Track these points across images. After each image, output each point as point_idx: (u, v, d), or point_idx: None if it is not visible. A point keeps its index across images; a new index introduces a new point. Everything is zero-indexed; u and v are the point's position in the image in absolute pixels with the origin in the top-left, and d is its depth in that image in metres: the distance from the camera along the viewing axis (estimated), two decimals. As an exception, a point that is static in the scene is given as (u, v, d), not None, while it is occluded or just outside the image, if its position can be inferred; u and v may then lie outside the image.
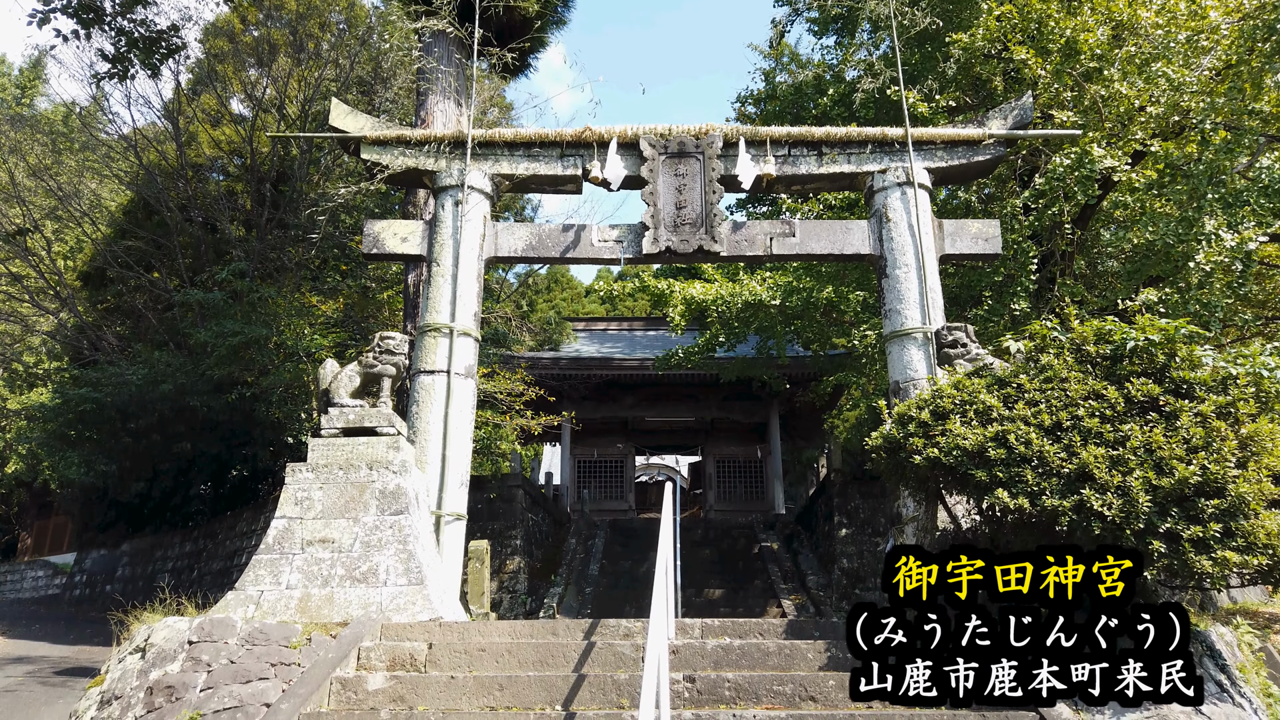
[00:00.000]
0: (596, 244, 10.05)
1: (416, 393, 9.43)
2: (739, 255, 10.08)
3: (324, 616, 6.95)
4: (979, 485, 5.61)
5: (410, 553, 7.38)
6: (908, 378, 9.37)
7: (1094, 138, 10.20)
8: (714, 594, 15.42)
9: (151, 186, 22.03)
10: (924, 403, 6.32)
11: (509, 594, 15.72)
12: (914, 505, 9.11)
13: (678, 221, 9.95)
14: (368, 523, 7.55)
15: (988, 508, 5.98)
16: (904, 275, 9.68)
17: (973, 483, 5.65)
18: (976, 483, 5.60)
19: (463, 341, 9.56)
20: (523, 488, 16.82)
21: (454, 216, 9.87)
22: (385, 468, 7.79)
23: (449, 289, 9.65)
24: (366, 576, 7.26)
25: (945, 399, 6.12)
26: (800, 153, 10.20)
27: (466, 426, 9.44)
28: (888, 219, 9.92)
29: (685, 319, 13.53)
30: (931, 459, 5.89)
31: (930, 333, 9.42)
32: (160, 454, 18.04)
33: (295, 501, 7.68)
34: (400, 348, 8.29)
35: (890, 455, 6.56)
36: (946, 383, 6.37)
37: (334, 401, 8.18)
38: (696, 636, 6.44)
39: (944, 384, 6.34)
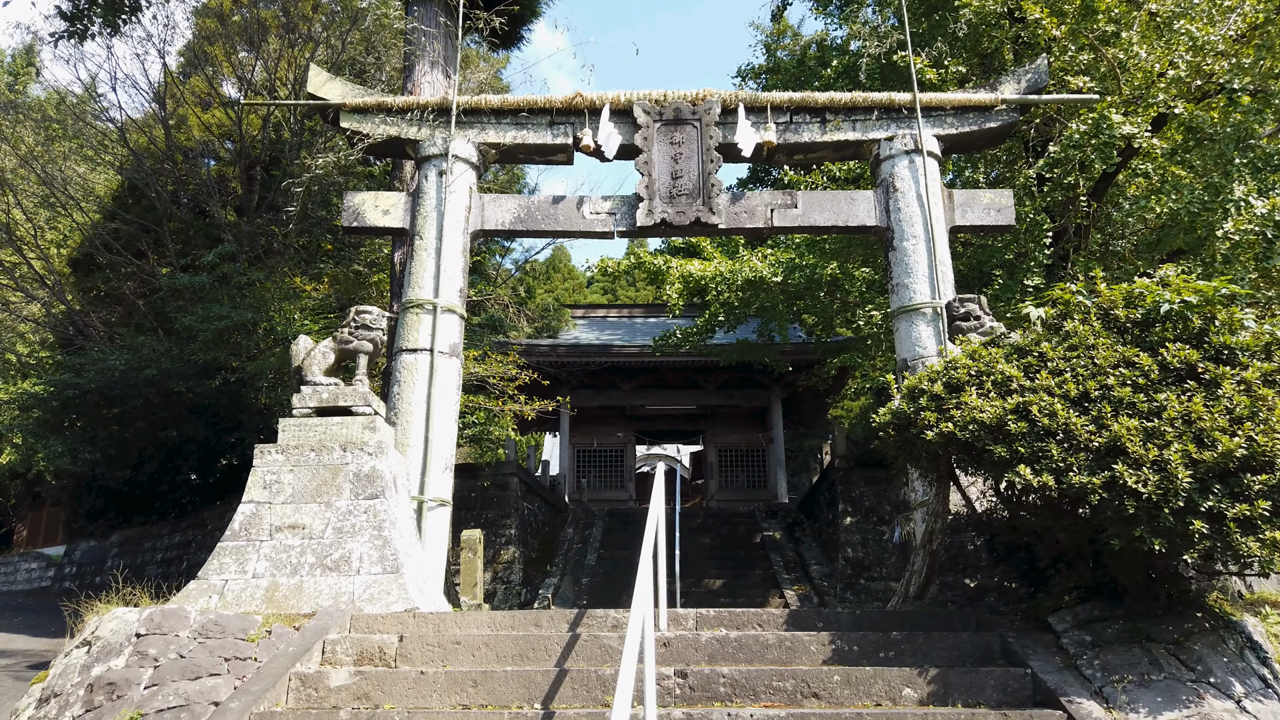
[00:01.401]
0: (588, 216, 9.56)
1: (398, 372, 8.96)
2: (738, 228, 9.58)
3: (292, 607, 6.49)
4: (998, 462, 5.11)
5: (386, 539, 6.91)
6: (916, 355, 8.88)
7: (1113, 102, 9.66)
8: (714, 584, 14.96)
9: (140, 171, 21.61)
10: (936, 374, 5.83)
11: (503, 585, 15.27)
12: (923, 488, 8.63)
13: (674, 192, 9.45)
14: (341, 508, 7.08)
15: (1006, 487, 5.49)
16: (912, 247, 9.18)
17: (991, 459, 5.15)
18: (995, 459, 5.11)
19: (447, 318, 9.08)
20: (518, 475, 16.35)
21: (438, 187, 9.38)
22: (360, 449, 7.32)
23: (432, 263, 9.17)
24: (338, 565, 6.79)
25: (960, 370, 5.62)
26: (803, 120, 9.68)
27: (451, 408, 8.96)
28: (895, 189, 9.41)
29: (683, 298, 13.01)
30: (945, 434, 5.39)
31: (940, 307, 8.92)
32: (146, 440, 17.61)
33: (264, 485, 7.20)
34: (377, 323, 7.81)
35: (899, 432, 6.07)
36: (960, 353, 5.87)
37: (306, 379, 7.70)
38: (690, 628, 5.96)
39: (958, 354, 5.84)
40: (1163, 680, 4.68)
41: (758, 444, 25.67)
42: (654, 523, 5.31)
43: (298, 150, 20.45)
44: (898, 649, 5.42)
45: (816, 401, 26.14)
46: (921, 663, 5.21)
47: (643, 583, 4.18)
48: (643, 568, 4.34)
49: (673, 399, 24.95)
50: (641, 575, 4.25)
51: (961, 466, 5.84)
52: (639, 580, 4.19)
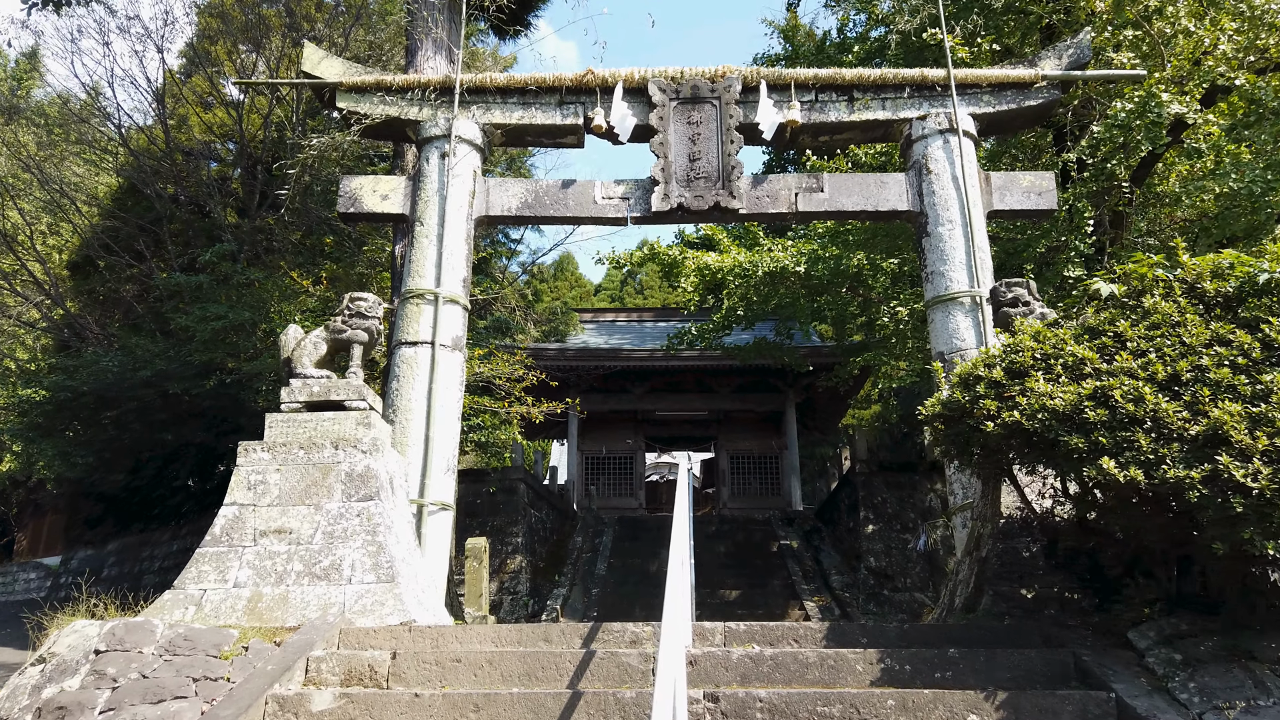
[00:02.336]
0: (600, 202, 8.96)
1: (397, 366, 8.37)
2: (760, 213, 8.96)
3: (276, 619, 5.87)
4: (1072, 455, 4.48)
5: (380, 545, 6.29)
6: (954, 348, 8.25)
7: (1160, 78, 9.03)
8: (730, 594, 14.30)
9: (139, 171, 21.19)
10: (994, 359, 5.19)
11: (510, 595, 14.63)
12: (963, 490, 8.01)
13: (691, 175, 8.85)
14: (331, 510, 6.47)
15: (1079, 484, 4.85)
16: (948, 233, 8.56)
17: (1064, 452, 4.51)
18: (1069, 452, 4.47)
19: (449, 309, 8.49)
20: (525, 481, 15.75)
21: (440, 171, 8.80)
22: (353, 447, 6.71)
23: (434, 251, 8.58)
24: (328, 573, 6.18)
25: (1024, 353, 4.98)
26: (829, 98, 9.08)
27: (453, 405, 8.36)
28: (928, 170, 8.79)
29: (699, 291, 12.38)
30: (1008, 425, 4.76)
31: (979, 297, 8.30)
32: (143, 445, 17.04)
33: (248, 486, 6.60)
34: (373, 310, 7.21)
35: (950, 425, 5.43)
36: (1022, 334, 5.23)
37: (296, 372, 7.10)
38: (719, 644, 5.33)
39: (1021, 335, 5.20)
40: (1273, 707, 4.03)
41: (771, 450, 24.99)
42: (681, 530, 4.69)
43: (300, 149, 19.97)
44: (956, 668, 4.77)
45: (830, 407, 25.49)
46: (985, 684, 4.57)
47: (674, 596, 3.56)
48: (672, 579, 3.73)
49: (684, 403, 24.31)
50: (672, 588, 3.64)
51: (1024, 462, 5.19)
52: (670, 594, 3.58)
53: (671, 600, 3.54)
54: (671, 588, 3.64)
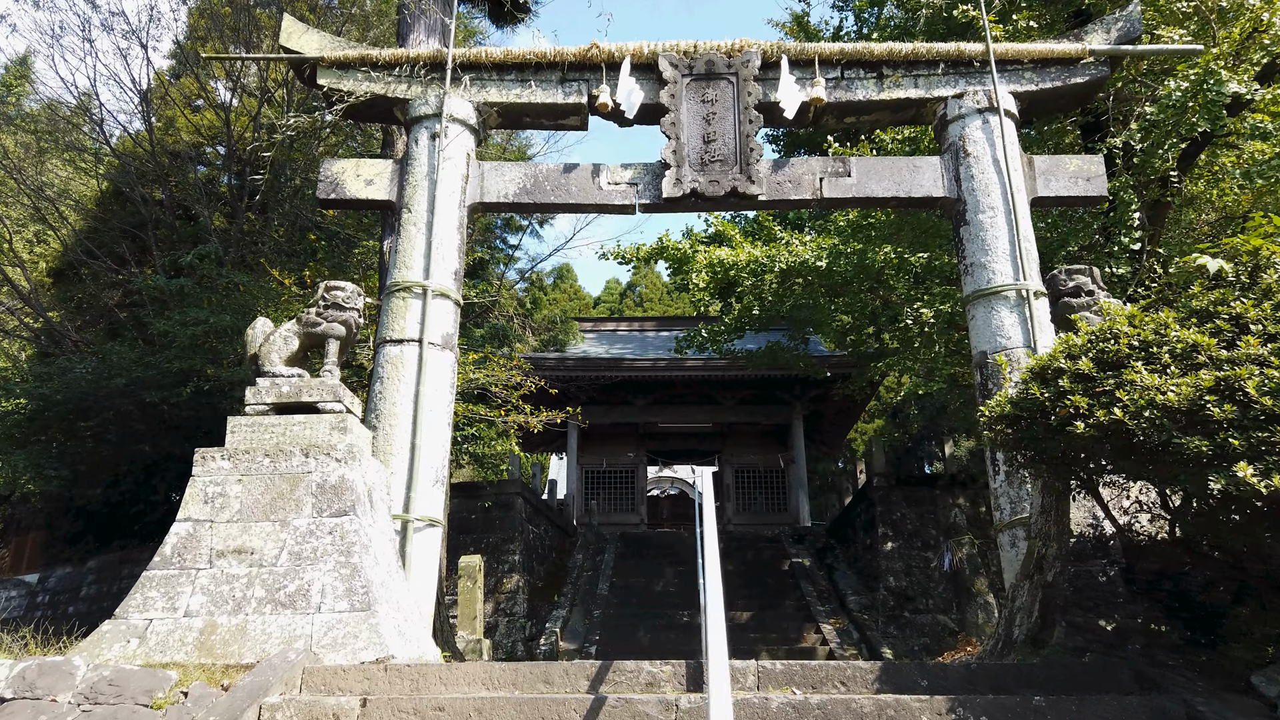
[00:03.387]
0: (605, 187, 8.17)
1: (381, 367, 7.55)
2: (781, 199, 8.17)
3: (231, 655, 5.03)
4: (1191, 460, 3.67)
5: (355, 567, 5.46)
6: (998, 347, 7.44)
7: (1219, 53, 8.27)
8: (741, 616, 13.43)
9: (125, 174, 20.49)
10: (1079, 348, 4.39)
11: (506, 616, 13.76)
12: (1011, 504, 7.17)
13: (706, 158, 8.06)
14: (300, 527, 5.63)
15: (1192, 495, 4.04)
16: (990, 221, 7.77)
17: (1181, 457, 3.70)
18: (1189, 457, 3.66)
19: (439, 304, 7.68)
20: (522, 495, 14.90)
21: (430, 153, 8.01)
22: (326, 454, 5.88)
23: (423, 240, 7.78)
24: (294, 600, 5.34)
25: (1118, 339, 4.18)
26: (856, 75, 8.31)
27: (443, 409, 7.53)
28: (966, 153, 8.01)
29: (711, 289, 11.57)
30: (1103, 425, 3.95)
31: (1025, 290, 7.50)
32: (120, 457, 16.18)
33: (204, 499, 5.77)
34: (351, 301, 6.40)
35: (1019, 427, 4.62)
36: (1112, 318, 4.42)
37: (264, 370, 6.28)
38: (751, 687, 4.49)
39: (1114, 320, 4.39)
40: None
41: (777, 464, 24.14)
42: (712, 548, 3.89)
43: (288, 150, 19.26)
44: (1043, 718, 3.94)
45: (839, 421, 24.68)
46: (1084, 742, 3.74)
47: (715, 634, 2.74)
48: (711, 610, 2.92)
49: (687, 416, 23.47)
50: (712, 622, 2.82)
51: (1119, 469, 4.37)
52: (709, 630, 2.76)
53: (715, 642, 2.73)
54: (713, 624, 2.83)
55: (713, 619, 3.04)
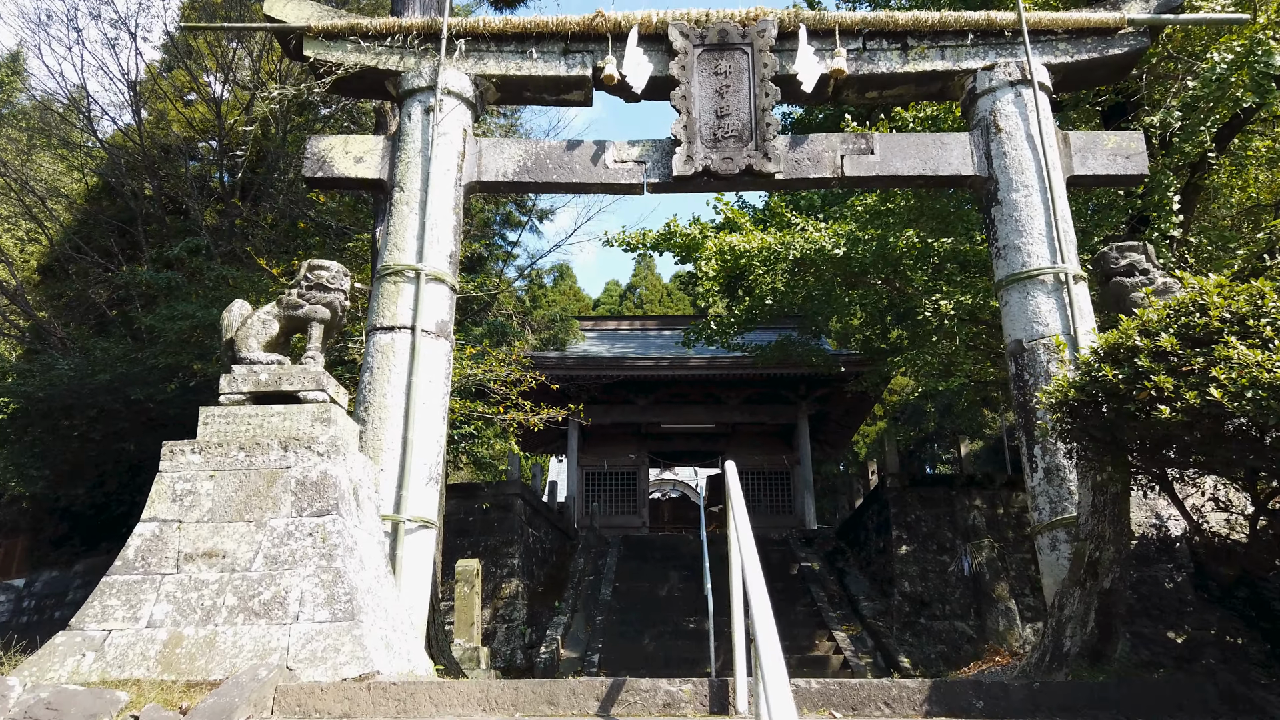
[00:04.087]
0: (612, 165, 7.65)
1: (371, 357, 7.01)
2: (800, 178, 7.64)
3: (197, 671, 4.50)
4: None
5: (338, 572, 4.92)
6: (1035, 335, 6.92)
7: (1265, 23, 7.76)
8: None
9: (115, 168, 20.02)
10: (1155, 324, 3.86)
11: (505, 623, 13.22)
12: (1050, 503, 6.64)
13: (719, 134, 7.54)
14: (277, 528, 5.09)
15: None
16: (1024, 200, 7.25)
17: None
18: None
19: (433, 289, 7.15)
20: (522, 497, 14.36)
21: (424, 128, 7.48)
22: (308, 448, 5.34)
23: (416, 220, 7.25)
24: (269, 608, 4.80)
25: (1208, 312, 3.65)
26: (879, 46, 7.79)
27: (437, 402, 6.99)
28: (997, 128, 7.49)
29: (720, 280, 11.01)
30: (1198, 408, 3.42)
31: (1064, 274, 6.98)
32: (105, 457, 15.64)
33: (172, 497, 5.23)
34: (336, 281, 5.87)
35: (1084, 413, 4.09)
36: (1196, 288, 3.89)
37: (240, 356, 5.75)
38: (783, 709, 3.94)
39: (1198, 290, 3.86)
40: None
41: (782, 466, 23.60)
42: (748, 550, 3.37)
43: (284, 144, 18.78)
44: (1126, 750, 3.41)
45: (845, 421, 24.19)
46: (1181, 778, 3.20)
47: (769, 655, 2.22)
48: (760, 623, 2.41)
49: (691, 416, 22.94)
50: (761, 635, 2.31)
51: (1210, 459, 3.83)
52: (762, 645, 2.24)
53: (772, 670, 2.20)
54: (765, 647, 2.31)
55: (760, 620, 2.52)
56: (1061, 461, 6.61)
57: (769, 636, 2.54)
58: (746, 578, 3.17)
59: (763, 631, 2.52)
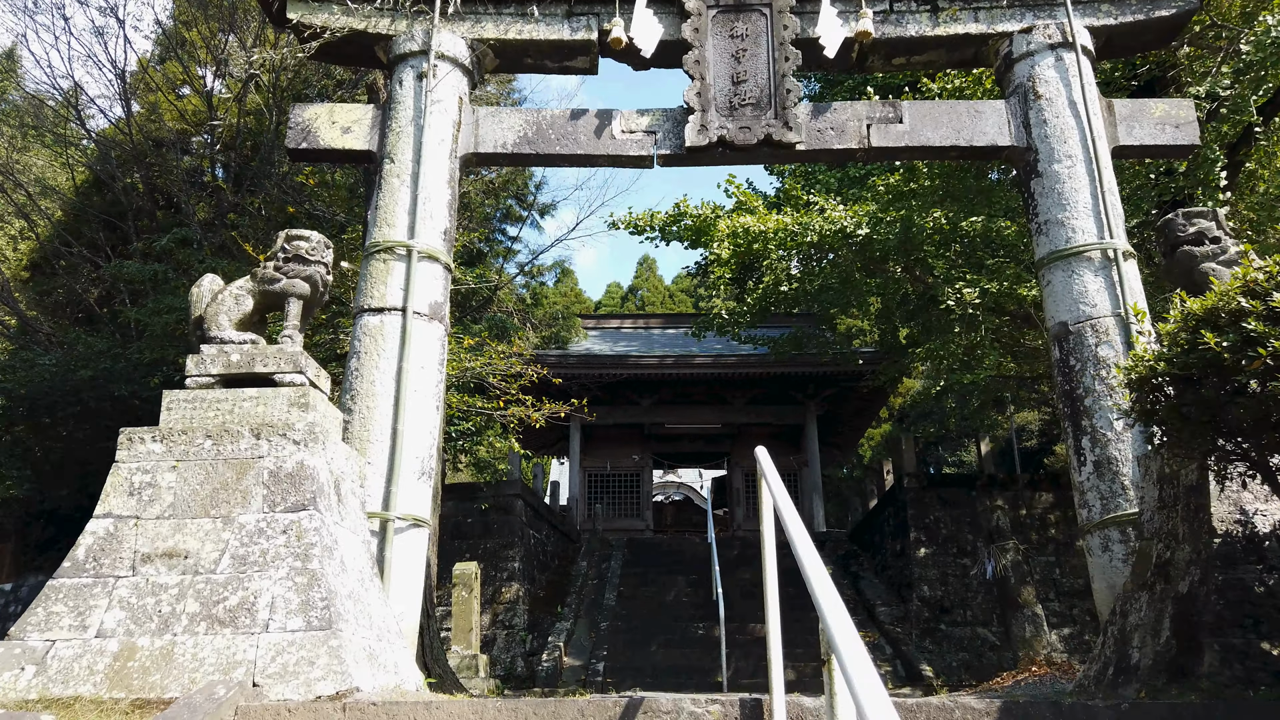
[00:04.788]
0: (619, 136, 7.09)
1: (358, 340, 6.46)
2: (823, 149, 7.08)
3: (151, 688, 3.93)
4: None
5: (314, 575, 4.35)
6: (1081, 316, 6.36)
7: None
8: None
9: (105, 161, 19.51)
10: (1263, 283, 3.29)
11: (505, 629, 12.63)
12: (1101, 499, 6.07)
13: (735, 101, 6.98)
14: (247, 525, 4.52)
15: None
16: (1066, 171, 6.69)
17: None
18: None
19: (426, 268, 6.59)
20: (523, 498, 13.79)
21: (416, 95, 6.92)
22: (282, 436, 4.77)
23: (407, 193, 6.69)
24: (235, 615, 4.22)
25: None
26: (907, 7, 7.23)
27: (430, 390, 6.43)
28: (1036, 95, 6.93)
29: (733, 263, 10.39)
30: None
31: (1113, 250, 6.43)
32: (88, 455, 15.04)
33: (129, 490, 4.66)
34: (317, 253, 5.31)
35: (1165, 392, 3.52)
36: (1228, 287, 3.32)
37: (209, 335, 5.19)
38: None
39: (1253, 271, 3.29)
40: None
41: (790, 467, 22.97)
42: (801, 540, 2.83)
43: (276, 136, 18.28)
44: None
45: (854, 422, 23.63)
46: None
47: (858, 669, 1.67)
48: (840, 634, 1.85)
49: (696, 416, 22.34)
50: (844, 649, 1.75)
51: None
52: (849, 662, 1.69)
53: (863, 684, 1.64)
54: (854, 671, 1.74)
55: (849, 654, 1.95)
56: (1113, 453, 6.05)
57: (854, 651, 1.97)
58: (808, 574, 2.59)
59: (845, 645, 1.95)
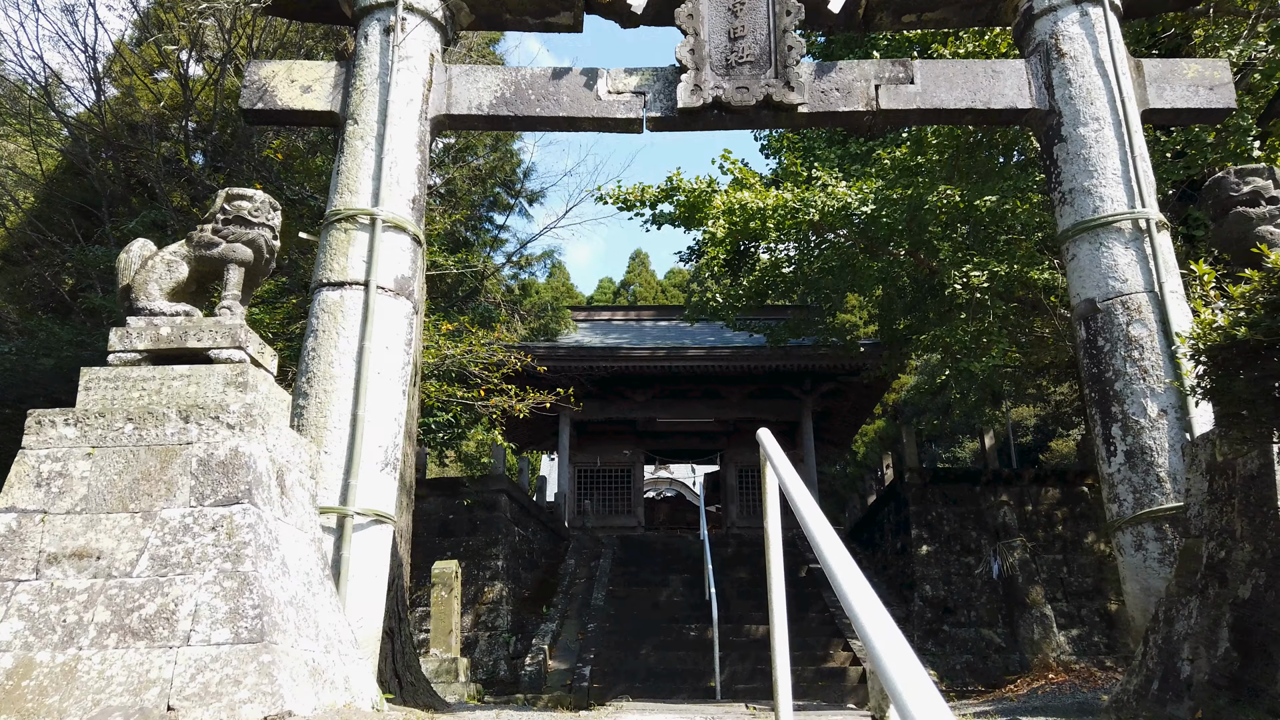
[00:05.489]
0: (605, 97, 6.50)
1: (316, 318, 5.86)
2: (827, 111, 6.50)
3: (48, 711, 3.34)
4: None
5: (245, 579, 3.75)
6: (1111, 292, 5.80)
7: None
8: (757, 630, 11.73)
9: (78, 147, 18.87)
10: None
11: (487, 631, 12.05)
12: (1134, 493, 5.52)
13: (732, 59, 6.40)
14: (170, 520, 3.93)
15: None
16: (1093, 135, 6.12)
17: None
18: None
19: (392, 238, 5.99)
20: (508, 493, 13.19)
21: (382, 51, 6.32)
22: (215, 419, 4.18)
23: (371, 157, 6.09)
24: (151, 626, 3.63)
25: None
26: (918, -42, 6.65)
27: (396, 372, 5.84)
28: (1059, 53, 6.36)
29: (728, 243, 9.76)
30: None
31: (1146, 220, 5.87)
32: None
33: (36, 481, 4.06)
34: (262, 214, 4.70)
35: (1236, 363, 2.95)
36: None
37: (138, 306, 4.58)
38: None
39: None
40: None
41: (784, 464, 22.43)
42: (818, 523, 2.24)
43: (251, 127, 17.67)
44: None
45: (850, 417, 23.09)
46: None
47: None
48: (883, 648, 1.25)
49: (689, 411, 21.76)
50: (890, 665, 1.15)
51: None
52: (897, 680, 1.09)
53: None
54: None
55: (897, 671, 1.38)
56: (1148, 442, 5.50)
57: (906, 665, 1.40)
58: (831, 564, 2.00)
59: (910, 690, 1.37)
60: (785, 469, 3.18)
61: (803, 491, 2.85)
